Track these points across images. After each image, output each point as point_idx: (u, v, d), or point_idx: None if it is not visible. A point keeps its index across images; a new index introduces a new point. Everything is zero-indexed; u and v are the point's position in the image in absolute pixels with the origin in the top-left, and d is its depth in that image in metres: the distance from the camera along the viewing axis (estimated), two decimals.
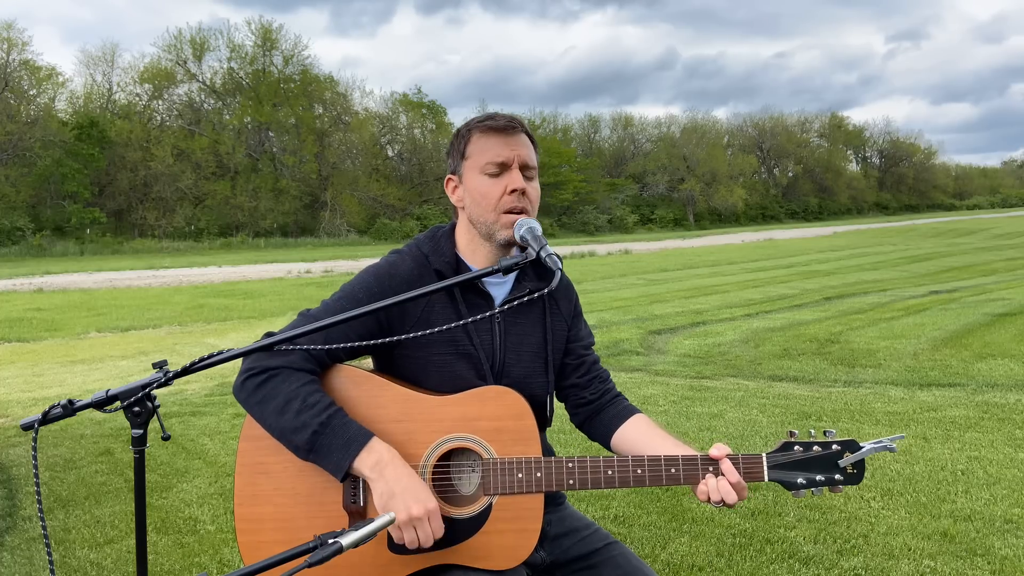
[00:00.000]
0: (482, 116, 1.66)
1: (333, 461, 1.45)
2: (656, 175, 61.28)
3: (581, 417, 1.81)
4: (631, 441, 1.70)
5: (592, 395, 1.79)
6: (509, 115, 1.65)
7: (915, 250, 24.72)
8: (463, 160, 1.66)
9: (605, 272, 19.50)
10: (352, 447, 1.45)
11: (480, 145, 1.63)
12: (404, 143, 52.16)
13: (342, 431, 1.46)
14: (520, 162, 1.61)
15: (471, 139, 1.64)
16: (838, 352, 7.54)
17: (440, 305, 1.62)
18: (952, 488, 3.74)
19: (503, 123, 1.62)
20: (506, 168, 1.61)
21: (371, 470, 1.44)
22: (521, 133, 1.64)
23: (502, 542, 1.52)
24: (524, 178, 1.62)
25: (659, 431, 1.69)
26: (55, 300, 14.94)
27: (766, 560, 3.03)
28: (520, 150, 1.62)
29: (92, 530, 3.48)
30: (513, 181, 1.60)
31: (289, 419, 1.46)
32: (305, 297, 14.83)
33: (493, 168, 1.61)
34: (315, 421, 1.45)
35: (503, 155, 1.60)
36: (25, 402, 6.19)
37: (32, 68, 39.68)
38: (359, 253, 30.66)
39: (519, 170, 1.61)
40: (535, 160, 1.66)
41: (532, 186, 1.64)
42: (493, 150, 1.61)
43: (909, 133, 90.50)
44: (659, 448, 1.61)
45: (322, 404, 1.47)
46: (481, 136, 1.63)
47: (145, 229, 39.54)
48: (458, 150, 1.67)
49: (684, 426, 5.02)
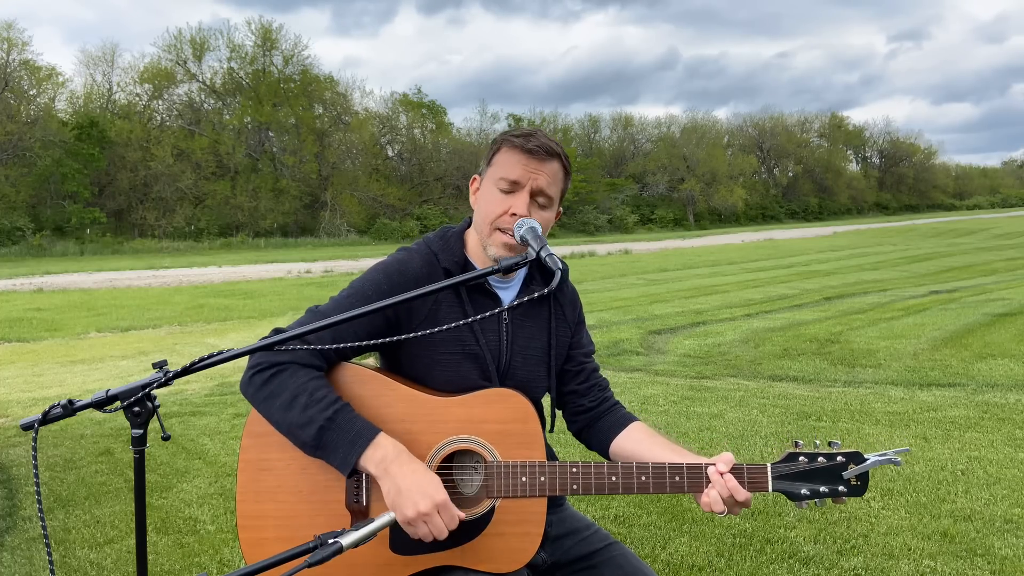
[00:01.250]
0: (522, 131, 1.63)
1: (339, 457, 1.45)
2: (656, 175, 61.25)
3: (579, 425, 1.81)
4: (629, 450, 1.69)
5: (591, 403, 1.78)
6: (546, 141, 1.61)
7: (915, 250, 24.73)
8: (488, 166, 1.66)
9: (605, 272, 19.49)
10: (358, 443, 1.45)
11: (505, 158, 1.62)
12: (404, 143, 52.16)
13: (348, 427, 1.45)
14: (534, 187, 1.59)
15: (501, 149, 1.63)
16: (838, 352, 7.54)
17: (447, 305, 1.62)
18: (952, 488, 3.74)
19: (533, 146, 1.59)
20: (518, 188, 1.59)
21: (376, 467, 1.44)
22: (551, 161, 1.61)
23: (505, 544, 1.52)
24: (536, 205, 1.60)
25: (658, 438, 1.68)
26: (55, 300, 14.94)
27: (766, 560, 3.03)
28: (540, 176, 1.59)
29: (92, 530, 3.47)
30: (517, 206, 1.58)
31: (296, 414, 1.46)
32: (305, 297, 14.83)
33: (506, 184, 1.60)
34: (322, 416, 1.45)
35: (518, 175, 1.59)
36: (25, 402, 6.18)
37: (32, 68, 39.67)
38: (359, 253, 30.66)
39: (530, 195, 1.59)
40: (555, 191, 1.63)
41: (542, 215, 1.61)
42: (512, 167, 1.60)
43: (909, 133, 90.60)
44: (658, 456, 1.60)
45: (329, 399, 1.47)
46: (508, 150, 1.62)
47: (145, 229, 39.52)
48: (488, 156, 1.67)
49: (684, 426, 5.02)
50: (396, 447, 1.46)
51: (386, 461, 1.44)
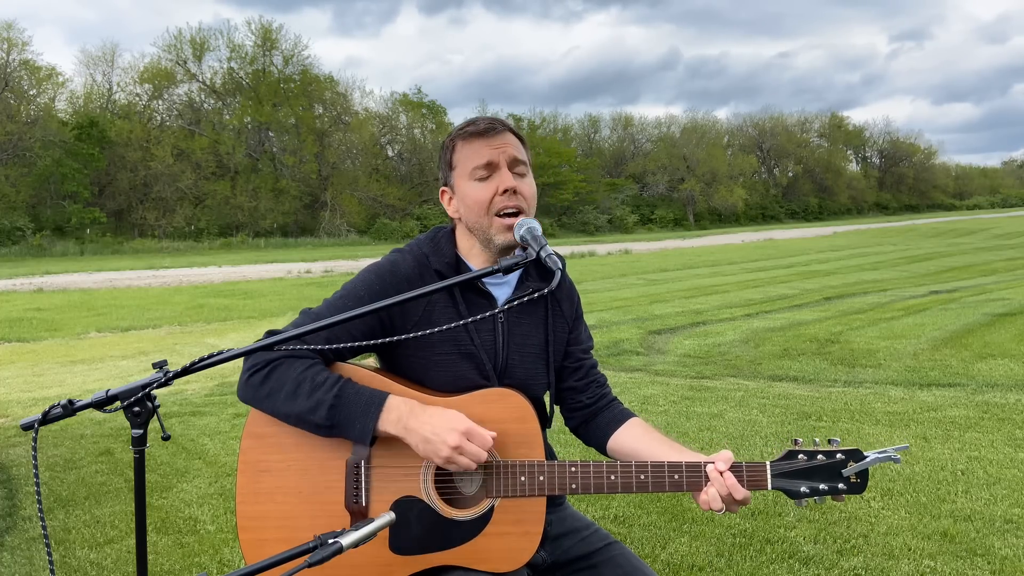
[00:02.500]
0: (463, 124, 1.65)
1: (356, 429, 1.46)
2: (656, 175, 61.28)
3: (576, 421, 1.81)
4: (627, 446, 1.69)
5: (588, 399, 1.78)
6: (490, 117, 1.63)
7: (915, 250, 24.72)
8: (451, 170, 1.65)
9: (605, 272, 19.49)
10: (371, 411, 1.46)
11: (465, 152, 1.62)
12: (404, 143, 52.17)
13: (356, 398, 1.47)
14: (507, 159, 1.60)
15: (455, 148, 1.63)
16: (838, 352, 7.54)
17: (441, 305, 1.61)
18: (952, 488, 3.74)
19: (483, 126, 1.61)
20: (494, 168, 1.60)
21: (396, 427, 1.46)
22: (504, 132, 1.62)
23: (504, 544, 1.52)
24: (515, 175, 1.61)
25: (656, 435, 1.68)
26: (55, 300, 14.94)
27: (766, 560, 3.03)
28: (506, 148, 1.60)
29: (92, 530, 3.48)
30: (503, 181, 1.59)
31: (302, 402, 1.47)
32: (305, 297, 14.83)
33: (481, 172, 1.60)
34: (328, 396, 1.46)
35: (488, 156, 1.59)
36: (25, 402, 6.19)
37: (32, 68, 39.69)
38: (359, 253, 30.66)
39: (507, 168, 1.60)
40: (525, 155, 1.64)
41: (525, 182, 1.62)
42: (478, 153, 1.60)
43: (909, 133, 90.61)
44: (656, 453, 1.60)
45: (331, 380, 1.48)
46: (464, 143, 1.62)
47: (145, 229, 39.53)
48: (446, 161, 1.67)
49: (684, 426, 5.02)
50: (407, 403, 1.48)
51: (403, 419, 1.46)
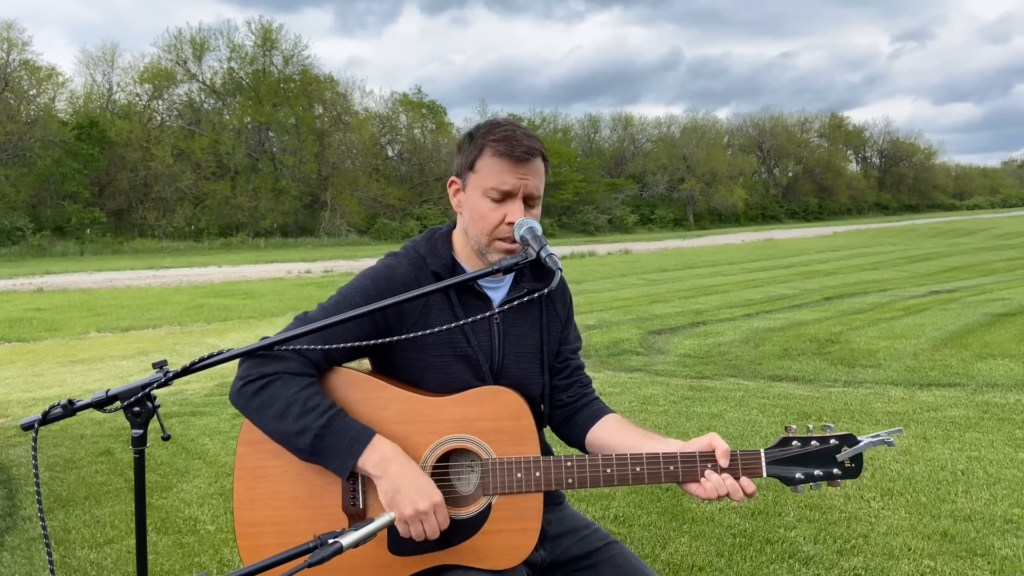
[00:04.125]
0: (501, 134, 1.57)
1: (337, 461, 1.46)
2: (656, 175, 61.27)
3: (557, 419, 1.81)
4: (603, 439, 1.70)
5: (570, 398, 1.79)
6: (528, 142, 1.57)
7: (915, 250, 24.72)
8: (470, 172, 1.60)
9: (605, 272, 19.49)
10: (355, 447, 1.46)
11: (490, 165, 1.57)
12: (404, 143, 52.17)
13: (344, 431, 1.46)
14: (525, 193, 1.57)
15: (483, 154, 1.58)
16: (838, 352, 7.54)
17: (438, 307, 1.61)
18: (952, 488, 3.74)
19: (520, 152, 1.55)
20: (510, 197, 1.57)
21: (375, 468, 1.45)
22: (535, 160, 1.58)
23: (502, 542, 1.52)
24: (527, 207, 1.59)
25: (631, 428, 1.68)
26: (55, 300, 14.94)
27: (766, 560, 3.03)
28: (529, 181, 1.57)
29: (92, 530, 3.48)
30: (513, 214, 1.56)
31: (290, 424, 1.46)
32: (305, 297, 14.83)
33: (496, 195, 1.56)
34: (316, 424, 1.45)
35: (510, 184, 1.56)
36: (25, 402, 6.19)
37: (32, 68, 39.68)
38: (359, 253, 30.66)
39: (522, 202, 1.57)
40: (541, 190, 1.61)
41: (532, 214, 1.60)
42: (501, 176, 1.56)
43: (909, 133, 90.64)
44: (632, 445, 1.60)
45: (323, 407, 1.47)
46: (494, 156, 1.56)
47: (145, 229, 39.53)
48: (468, 158, 1.61)
49: (684, 426, 5.02)
50: (393, 448, 1.47)
51: (384, 462, 1.45)
